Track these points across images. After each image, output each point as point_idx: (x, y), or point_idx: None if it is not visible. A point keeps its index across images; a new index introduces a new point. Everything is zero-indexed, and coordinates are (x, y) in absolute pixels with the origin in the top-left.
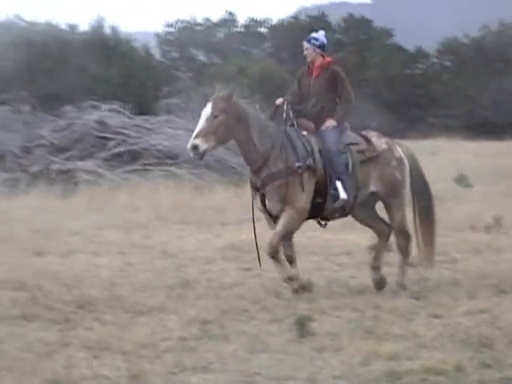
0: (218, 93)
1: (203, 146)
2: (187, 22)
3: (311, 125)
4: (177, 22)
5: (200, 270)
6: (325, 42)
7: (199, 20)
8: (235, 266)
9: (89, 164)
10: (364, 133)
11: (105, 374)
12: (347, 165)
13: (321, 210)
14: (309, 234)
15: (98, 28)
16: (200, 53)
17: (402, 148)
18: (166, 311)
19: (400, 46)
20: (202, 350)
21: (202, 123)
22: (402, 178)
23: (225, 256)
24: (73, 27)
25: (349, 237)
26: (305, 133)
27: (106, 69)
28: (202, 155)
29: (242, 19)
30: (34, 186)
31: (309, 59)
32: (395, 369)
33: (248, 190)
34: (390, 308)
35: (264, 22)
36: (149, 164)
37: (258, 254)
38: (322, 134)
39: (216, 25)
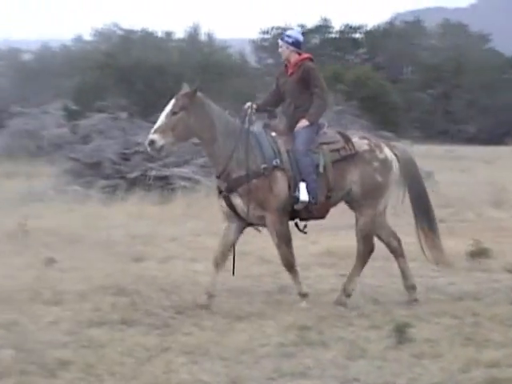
0: (183, 90)
1: (160, 141)
2: (282, 28)
3: (281, 126)
4: (272, 29)
5: None
6: (299, 38)
7: (294, 26)
8: (332, 272)
9: (185, 170)
10: (347, 132)
11: (204, 379)
12: (318, 165)
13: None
14: (407, 240)
15: (193, 35)
16: None
17: (395, 150)
18: (263, 317)
19: (497, 51)
20: (300, 355)
21: (161, 119)
22: (383, 180)
23: (321, 262)
24: (169, 34)
25: (448, 242)
26: (273, 134)
27: (202, 75)
28: (159, 151)
29: (336, 25)
30: (131, 193)
31: (283, 57)
32: (496, 376)
33: None
34: (490, 315)
35: (359, 28)
36: None
37: (234, 261)
38: (295, 135)
39: (311, 31)
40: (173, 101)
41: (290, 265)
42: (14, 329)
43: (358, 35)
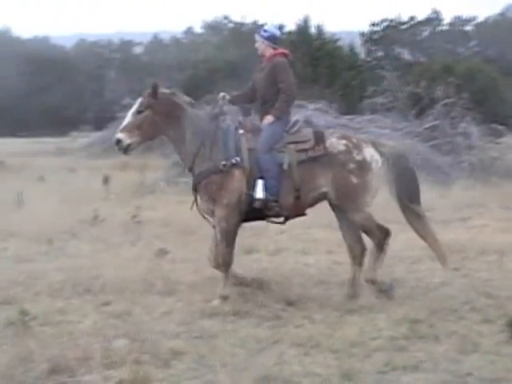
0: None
1: (126, 140)
2: (392, 20)
3: (249, 123)
4: (382, 21)
5: (407, 270)
6: (275, 33)
7: (404, 19)
8: None
9: None
10: (329, 131)
11: (316, 371)
12: (281, 164)
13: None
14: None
15: (303, 28)
16: (405, 51)
17: (383, 149)
18: (374, 310)
19: None
20: (412, 349)
21: (127, 118)
22: (360, 181)
23: (432, 256)
24: (280, 27)
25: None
26: (241, 131)
27: (313, 68)
28: (126, 149)
29: (447, 17)
30: None
31: (259, 52)
32: None
33: (453, 191)
34: None
35: (470, 20)
36: None
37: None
38: (261, 132)
39: (421, 23)
40: (139, 99)
41: (225, 264)
42: (127, 319)
43: (468, 27)
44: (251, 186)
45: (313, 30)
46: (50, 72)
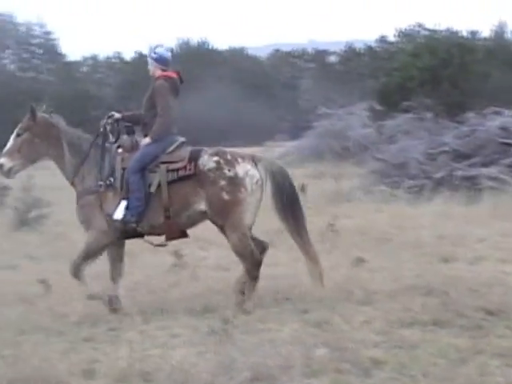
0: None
1: (8, 164)
2: None
3: (128, 143)
4: None
5: None
6: (164, 55)
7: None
8: None
9: (492, 171)
10: (207, 149)
11: None
12: (150, 185)
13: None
14: None
15: (499, 33)
16: None
17: (260, 165)
18: None
19: None
20: None
21: (9, 142)
22: (231, 198)
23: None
24: (474, 34)
25: None
26: (120, 150)
27: (509, 75)
28: (8, 173)
29: None
30: (437, 193)
31: (150, 73)
32: None
33: None
34: None
35: None
36: None
37: None
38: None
39: None
40: (20, 124)
41: (74, 274)
42: (327, 327)
43: None
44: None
45: (509, 36)
46: (245, 82)
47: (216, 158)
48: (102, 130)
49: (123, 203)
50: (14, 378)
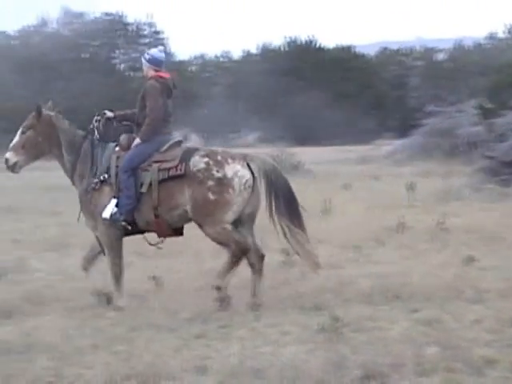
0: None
1: (13, 159)
2: None
3: (124, 142)
4: None
5: None
6: (156, 56)
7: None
8: None
9: None
10: (200, 149)
11: None
12: (142, 184)
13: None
14: None
15: None
16: None
17: (252, 164)
18: None
19: None
20: None
21: (15, 138)
22: (218, 198)
23: None
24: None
25: None
26: (117, 149)
27: None
28: (13, 168)
29: None
30: None
31: (143, 73)
32: None
33: None
34: None
35: None
36: None
37: None
38: None
39: None
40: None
41: (115, 276)
42: (437, 326)
43: None
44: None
45: None
46: (353, 80)
47: (206, 159)
48: (91, 126)
49: (113, 201)
50: (127, 374)
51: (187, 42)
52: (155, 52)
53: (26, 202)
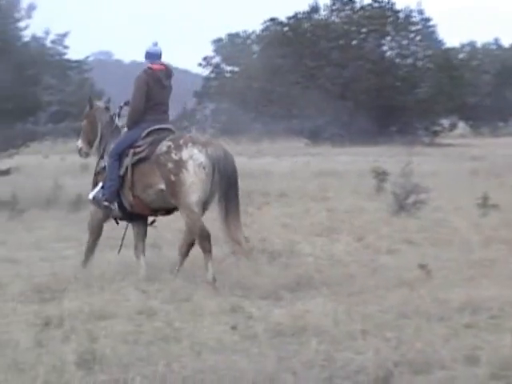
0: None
1: (80, 145)
2: None
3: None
4: None
5: None
6: (152, 51)
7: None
8: None
9: None
10: (170, 136)
11: None
12: (120, 167)
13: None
14: None
15: None
16: None
17: (209, 149)
18: None
19: None
20: None
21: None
22: (176, 179)
23: None
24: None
25: None
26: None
27: None
28: (80, 154)
29: None
30: None
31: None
32: None
33: None
34: None
35: None
36: None
37: None
38: None
39: None
40: None
41: (86, 257)
42: None
43: None
44: None
45: None
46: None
47: (169, 143)
48: (116, 116)
49: (100, 184)
50: (397, 361)
51: (457, 30)
52: (149, 47)
53: (296, 187)
